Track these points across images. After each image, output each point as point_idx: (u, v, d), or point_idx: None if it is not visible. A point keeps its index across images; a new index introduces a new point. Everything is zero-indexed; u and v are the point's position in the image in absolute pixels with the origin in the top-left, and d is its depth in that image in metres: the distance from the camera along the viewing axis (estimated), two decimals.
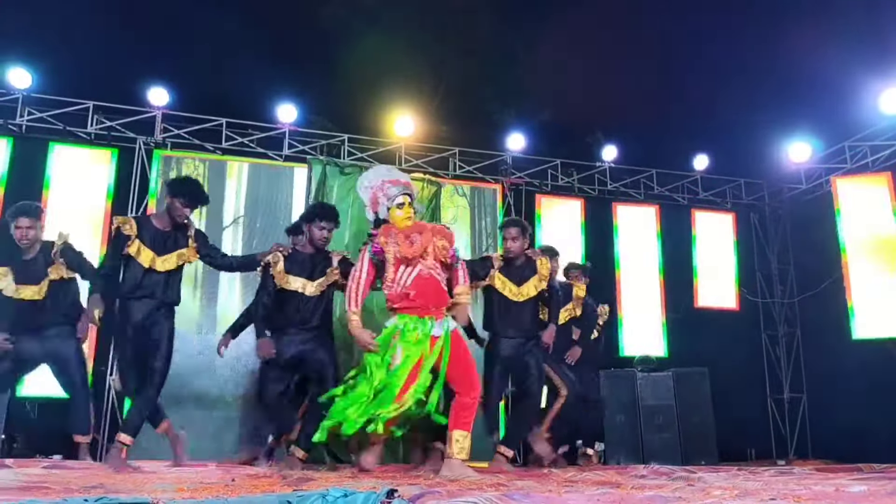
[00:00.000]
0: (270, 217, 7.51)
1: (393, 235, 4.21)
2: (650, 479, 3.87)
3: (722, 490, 2.87)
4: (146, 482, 3.27)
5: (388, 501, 2.16)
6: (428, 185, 6.69)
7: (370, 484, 3.05)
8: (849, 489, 2.96)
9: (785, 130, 8.77)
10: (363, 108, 9.01)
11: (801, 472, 4.88)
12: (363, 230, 6.25)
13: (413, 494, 2.22)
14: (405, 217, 4.29)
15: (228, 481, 3.33)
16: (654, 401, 6.92)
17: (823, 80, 7.99)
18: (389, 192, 4.34)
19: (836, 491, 2.88)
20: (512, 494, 2.41)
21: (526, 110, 11.26)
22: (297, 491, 2.31)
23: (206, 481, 3.31)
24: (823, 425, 8.72)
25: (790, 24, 7.74)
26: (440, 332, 4.08)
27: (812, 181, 9.00)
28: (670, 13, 8.59)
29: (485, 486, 3.15)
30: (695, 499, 2.49)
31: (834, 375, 8.40)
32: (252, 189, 7.52)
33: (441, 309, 4.17)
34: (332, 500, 2.19)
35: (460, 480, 3.53)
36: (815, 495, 2.67)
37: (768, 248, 9.63)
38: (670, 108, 8.74)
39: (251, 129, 8.04)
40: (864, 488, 2.94)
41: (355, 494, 2.21)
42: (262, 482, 3.31)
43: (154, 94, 7.65)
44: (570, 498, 2.51)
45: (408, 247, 4.14)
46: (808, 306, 9.09)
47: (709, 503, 2.34)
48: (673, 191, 9.34)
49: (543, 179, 8.94)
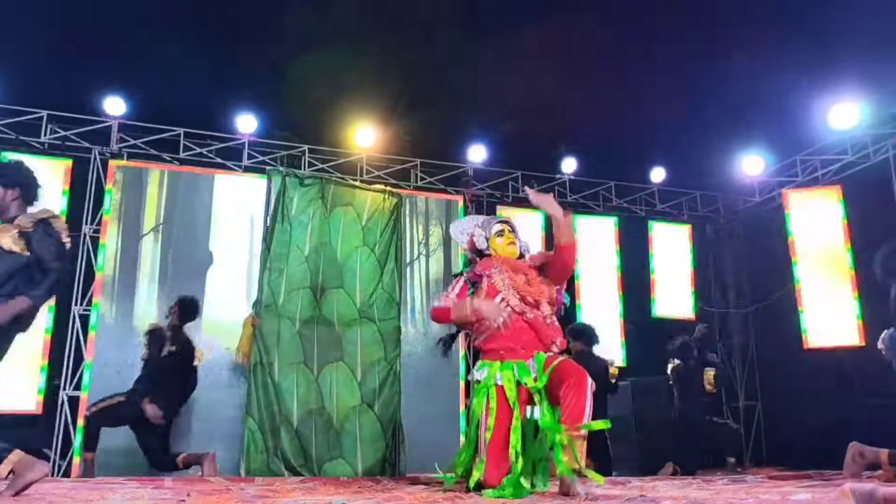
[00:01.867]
0: (189, 226, 7.40)
1: (497, 264, 3.83)
2: (605, 488, 3.92)
3: (672, 500, 2.93)
4: (97, 498, 3.22)
5: None
6: (389, 197, 6.70)
7: (325, 498, 3.05)
8: (794, 497, 3.04)
9: (739, 145, 8.98)
10: (324, 119, 8.97)
11: (753, 480, 4.99)
12: (324, 242, 6.25)
13: None
14: (507, 243, 3.95)
15: (183, 497, 3.29)
16: (613, 411, 6.98)
17: (775, 97, 8.18)
18: (486, 226, 4.02)
19: (781, 499, 2.96)
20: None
21: (487, 122, 11.33)
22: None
23: (161, 498, 3.27)
24: (777, 432, 8.90)
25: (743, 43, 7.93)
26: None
27: (765, 194, 9.23)
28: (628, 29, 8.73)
29: (440, 499, 3.16)
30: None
31: (787, 383, 8.59)
32: (171, 197, 7.42)
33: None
34: None
35: (415, 494, 3.54)
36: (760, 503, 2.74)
37: (723, 259, 9.84)
38: (628, 121, 8.86)
39: (210, 140, 7.97)
40: (809, 496, 3.02)
41: None
42: (217, 498, 3.28)
43: (110, 104, 7.55)
44: None
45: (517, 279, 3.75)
46: (762, 316, 9.30)
47: None
48: (631, 203, 9.49)
49: (504, 191, 9.02)
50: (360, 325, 6.24)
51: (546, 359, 3.57)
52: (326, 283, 6.20)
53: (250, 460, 5.65)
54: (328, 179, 6.68)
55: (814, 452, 7.04)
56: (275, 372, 5.86)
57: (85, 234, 7.30)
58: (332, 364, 6.08)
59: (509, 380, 3.56)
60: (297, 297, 6.07)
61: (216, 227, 7.49)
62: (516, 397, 3.54)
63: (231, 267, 7.42)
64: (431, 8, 11.28)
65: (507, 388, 3.55)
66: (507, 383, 3.55)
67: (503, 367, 3.60)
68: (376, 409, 6.09)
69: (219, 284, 7.31)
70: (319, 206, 6.34)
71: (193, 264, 7.34)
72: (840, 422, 7.23)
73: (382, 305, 6.37)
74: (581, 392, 3.33)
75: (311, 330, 6.07)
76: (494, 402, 3.55)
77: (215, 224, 7.50)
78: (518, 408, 3.52)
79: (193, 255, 7.36)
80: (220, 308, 7.07)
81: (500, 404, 3.54)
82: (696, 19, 8.85)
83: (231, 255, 7.46)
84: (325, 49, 9.76)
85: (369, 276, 6.39)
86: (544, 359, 3.57)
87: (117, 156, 7.57)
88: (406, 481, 4.94)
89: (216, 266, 7.39)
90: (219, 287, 7.29)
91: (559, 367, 3.48)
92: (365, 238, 6.45)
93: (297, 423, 5.85)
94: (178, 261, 7.26)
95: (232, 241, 7.52)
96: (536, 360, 3.58)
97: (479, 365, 3.73)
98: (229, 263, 7.43)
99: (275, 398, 5.81)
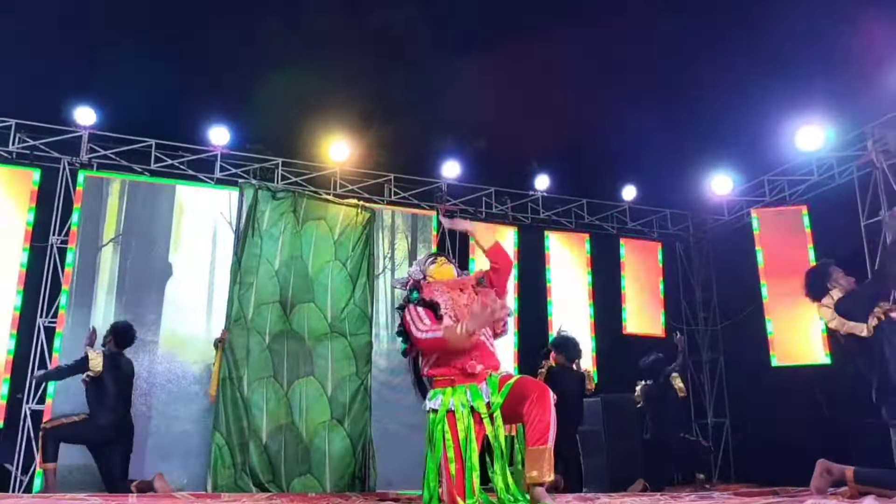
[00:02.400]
0: (148, 237, 7.32)
1: (438, 287, 3.79)
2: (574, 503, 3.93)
3: None
4: None
5: None
6: (362, 212, 6.67)
7: None
8: None
9: (708, 165, 9.13)
10: (298, 132, 8.95)
11: (721, 496, 5.03)
12: (295, 256, 6.21)
13: None
14: (441, 265, 3.93)
15: None
16: (584, 426, 7.00)
17: (744, 119, 8.35)
18: (421, 263, 3.98)
19: None
20: None
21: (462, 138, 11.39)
22: None
23: None
24: (746, 449, 8.98)
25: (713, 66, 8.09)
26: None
27: (734, 213, 9.38)
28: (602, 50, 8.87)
29: None
30: None
31: (755, 401, 8.68)
32: (131, 207, 7.33)
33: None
34: None
35: None
36: None
37: (692, 276, 9.95)
38: (601, 140, 8.98)
39: (182, 152, 7.91)
40: None
41: None
42: None
43: (81, 114, 7.46)
44: None
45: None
46: (731, 334, 9.40)
47: None
48: (602, 220, 9.58)
49: (478, 207, 9.05)
50: (331, 339, 6.19)
51: (500, 378, 3.53)
52: (297, 298, 6.15)
53: (217, 476, 5.56)
54: (301, 193, 6.64)
55: (781, 469, 7.10)
56: (244, 386, 5.79)
57: (52, 244, 7.18)
58: (302, 379, 6.02)
59: (463, 404, 3.51)
60: (266, 311, 6.01)
61: (177, 239, 7.40)
62: (471, 421, 3.49)
63: (191, 279, 7.32)
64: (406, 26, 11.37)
65: (458, 414, 3.49)
66: (459, 409, 3.50)
67: (455, 392, 3.55)
68: (346, 425, 6.04)
69: (178, 297, 7.21)
70: (291, 220, 6.30)
71: (152, 276, 7.23)
72: (807, 439, 7.32)
73: (354, 320, 6.33)
74: (545, 407, 3.32)
75: (282, 344, 6.01)
76: (450, 433, 3.49)
77: (176, 236, 7.40)
78: (473, 431, 3.48)
79: (152, 266, 7.25)
80: (178, 321, 6.98)
81: (454, 431, 3.48)
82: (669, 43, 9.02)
83: (192, 268, 7.36)
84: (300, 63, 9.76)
85: (341, 290, 6.35)
86: (498, 379, 3.53)
87: (87, 166, 7.47)
88: (375, 497, 4.90)
89: (175, 278, 7.29)
90: (178, 299, 7.19)
91: (518, 385, 3.44)
92: (337, 252, 6.41)
93: (265, 439, 5.78)
94: (137, 273, 7.16)
95: (193, 253, 7.42)
96: (489, 382, 3.53)
97: (431, 394, 3.67)
98: (189, 276, 7.32)
99: (244, 413, 5.74)
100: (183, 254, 7.37)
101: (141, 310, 6.98)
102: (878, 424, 4.42)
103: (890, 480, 4.17)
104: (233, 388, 5.74)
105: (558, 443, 5.86)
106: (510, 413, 3.48)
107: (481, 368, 3.54)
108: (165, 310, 7.05)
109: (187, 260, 7.37)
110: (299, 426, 5.91)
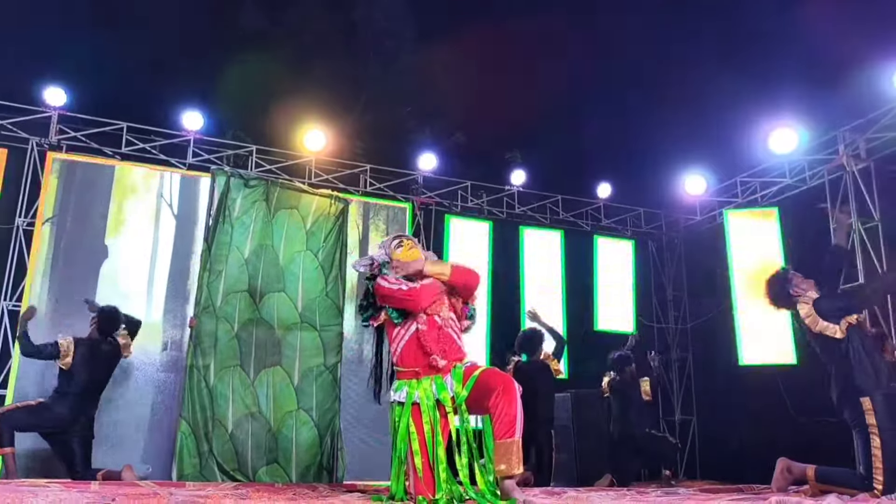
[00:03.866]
0: (83, 218, 7.22)
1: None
2: (540, 498, 3.93)
3: None
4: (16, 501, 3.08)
5: None
6: (335, 202, 6.61)
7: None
8: None
9: (682, 165, 9.21)
10: (273, 120, 8.88)
11: (686, 492, 5.07)
12: (264, 245, 6.13)
13: None
14: (408, 248, 3.87)
15: (109, 501, 3.18)
16: (554, 422, 7.02)
17: (719, 120, 8.44)
18: (386, 245, 3.91)
19: None
20: None
21: (439, 131, 11.38)
22: None
23: (83, 501, 3.15)
24: (712, 447, 9.09)
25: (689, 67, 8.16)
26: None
27: (706, 213, 9.47)
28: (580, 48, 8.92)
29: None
30: None
31: (722, 399, 8.79)
32: (66, 187, 7.21)
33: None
34: None
35: (350, 502, 3.49)
36: None
37: (664, 275, 10.04)
38: (578, 137, 9.03)
39: (154, 136, 7.79)
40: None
41: None
42: (144, 502, 3.18)
43: (50, 94, 7.31)
44: None
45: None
46: (700, 332, 9.50)
47: None
48: (577, 217, 9.62)
49: (454, 200, 9.03)
50: (301, 329, 6.13)
51: (464, 370, 3.53)
52: (267, 287, 6.07)
53: (183, 464, 5.49)
54: (273, 181, 6.55)
55: (746, 467, 7.20)
56: (210, 375, 5.71)
57: (18, 226, 7.05)
58: (270, 368, 5.96)
59: (428, 397, 3.50)
60: (235, 299, 5.93)
61: (116, 222, 7.30)
62: (436, 413, 3.48)
63: (129, 263, 7.26)
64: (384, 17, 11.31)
65: (423, 406, 3.48)
66: (424, 401, 3.49)
67: (419, 384, 3.54)
68: (314, 415, 5.99)
69: (114, 280, 7.13)
70: (262, 209, 6.21)
71: (87, 258, 7.13)
72: (773, 438, 7.42)
73: (325, 312, 6.27)
74: (511, 400, 3.33)
75: (250, 333, 5.94)
76: (415, 426, 3.48)
77: (115, 218, 7.30)
78: (439, 424, 3.47)
79: (87, 248, 7.15)
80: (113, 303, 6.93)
81: (419, 424, 3.48)
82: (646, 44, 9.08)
83: (129, 251, 7.30)
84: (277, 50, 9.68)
85: (311, 280, 6.29)
86: (462, 371, 3.53)
87: (56, 147, 7.33)
88: (343, 489, 4.87)
89: (112, 261, 7.20)
90: (113, 282, 7.11)
91: (483, 377, 3.45)
92: (308, 242, 6.34)
93: (231, 427, 5.72)
94: (71, 254, 7.06)
95: (132, 236, 7.35)
96: (454, 374, 3.53)
97: (396, 385, 3.65)
98: (127, 259, 7.26)
99: (209, 402, 5.67)
100: (120, 237, 7.30)
101: (72, 290, 6.88)
102: (840, 424, 4.49)
103: (850, 480, 4.25)
104: (199, 376, 5.67)
105: (532, 435, 5.88)
106: (475, 406, 3.48)
107: (445, 364, 3.53)
108: (101, 292, 6.91)
109: (125, 243, 7.30)
110: (266, 415, 5.85)
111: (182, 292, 7.36)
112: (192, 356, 5.69)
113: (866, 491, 4.08)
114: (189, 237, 7.53)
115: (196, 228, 7.45)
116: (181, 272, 7.43)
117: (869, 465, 4.11)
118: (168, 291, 7.37)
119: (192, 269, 7.27)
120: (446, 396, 3.48)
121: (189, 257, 7.47)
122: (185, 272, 7.43)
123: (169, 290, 7.38)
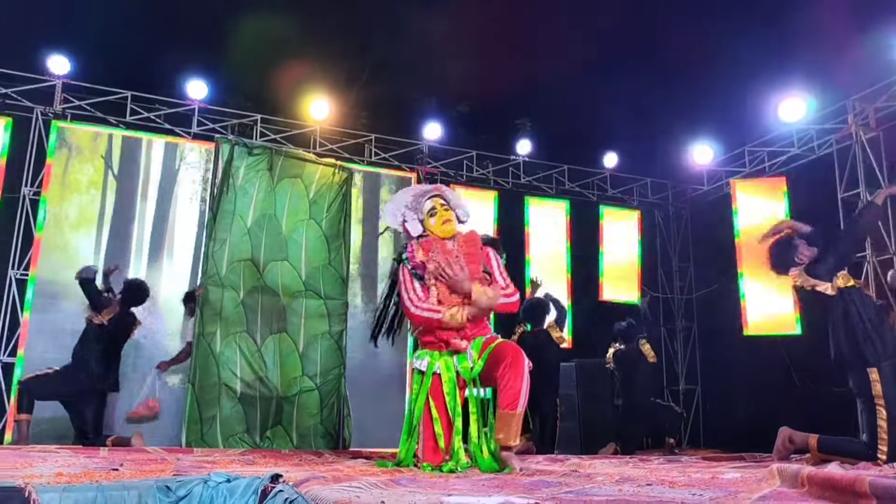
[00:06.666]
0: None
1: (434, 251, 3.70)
2: (543, 464, 3.98)
3: (605, 476, 2.98)
4: (25, 465, 3.13)
5: (272, 486, 2.14)
6: (339, 172, 6.59)
7: (262, 470, 3.02)
8: (723, 476, 3.12)
9: (690, 134, 9.13)
10: (279, 89, 8.82)
11: (688, 460, 5.12)
12: (268, 213, 6.14)
13: (298, 479, 2.21)
14: (441, 221, 3.80)
15: (116, 466, 3.23)
16: (559, 390, 7.06)
17: (727, 88, 8.33)
18: (417, 207, 3.82)
19: (712, 478, 3.03)
20: (398, 480, 2.43)
21: (445, 100, 11.29)
22: (177, 476, 2.26)
23: (91, 466, 3.20)
24: (715, 416, 9.14)
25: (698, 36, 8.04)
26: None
27: (713, 183, 9.41)
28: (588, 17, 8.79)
29: (378, 472, 3.16)
30: (577, 483, 2.58)
31: (726, 369, 8.81)
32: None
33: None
34: (213, 486, 2.16)
35: (354, 467, 3.53)
36: (691, 482, 2.80)
37: (670, 245, 10.01)
38: (584, 107, 8.93)
39: (158, 105, 7.77)
40: (738, 475, 3.10)
41: (238, 479, 2.18)
42: (152, 468, 3.23)
43: (54, 63, 7.29)
44: (455, 483, 2.55)
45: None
46: (705, 302, 9.50)
47: (588, 488, 2.42)
48: (583, 187, 9.58)
49: (459, 170, 9.00)
50: (305, 297, 6.16)
51: (483, 342, 3.60)
52: (270, 255, 6.09)
53: (190, 431, 5.56)
54: (277, 150, 6.53)
55: (749, 436, 7.24)
56: (216, 342, 5.76)
57: (24, 195, 7.07)
58: (276, 335, 6.01)
59: (448, 368, 3.56)
60: (239, 268, 5.96)
61: (58, 184, 7.33)
62: (455, 385, 3.54)
63: (77, 228, 7.33)
64: None
65: (444, 378, 3.55)
66: (445, 373, 3.55)
67: (441, 355, 3.61)
68: (318, 382, 6.05)
69: (61, 245, 7.21)
70: (266, 177, 6.20)
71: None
72: (775, 407, 7.46)
73: (330, 281, 6.29)
74: (518, 373, 3.37)
75: (255, 300, 5.98)
76: (432, 395, 3.54)
77: (57, 180, 7.32)
78: (458, 395, 3.53)
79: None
80: (58, 269, 6.96)
81: (437, 394, 3.54)
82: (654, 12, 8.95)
83: (78, 216, 7.37)
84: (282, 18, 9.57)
85: (315, 249, 6.29)
86: (482, 343, 3.60)
87: (60, 116, 7.33)
88: (348, 455, 4.94)
89: (59, 225, 7.27)
90: (61, 247, 7.19)
91: (496, 350, 3.51)
92: (311, 211, 6.34)
93: (238, 393, 5.79)
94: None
95: (80, 202, 7.41)
96: (474, 345, 3.60)
97: (419, 354, 3.71)
98: (75, 224, 7.33)
99: (216, 368, 5.73)
100: (68, 204, 7.35)
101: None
102: (843, 395, 4.50)
103: (853, 449, 4.26)
104: (204, 343, 5.72)
105: (537, 403, 5.93)
106: (486, 376, 3.54)
107: (466, 345, 3.59)
108: (44, 257, 6.96)
109: (72, 207, 7.35)
110: (272, 380, 5.92)
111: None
112: (199, 324, 5.73)
113: (869, 461, 4.09)
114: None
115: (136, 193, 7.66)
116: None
117: (874, 436, 4.11)
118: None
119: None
120: (467, 367, 3.54)
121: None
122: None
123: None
